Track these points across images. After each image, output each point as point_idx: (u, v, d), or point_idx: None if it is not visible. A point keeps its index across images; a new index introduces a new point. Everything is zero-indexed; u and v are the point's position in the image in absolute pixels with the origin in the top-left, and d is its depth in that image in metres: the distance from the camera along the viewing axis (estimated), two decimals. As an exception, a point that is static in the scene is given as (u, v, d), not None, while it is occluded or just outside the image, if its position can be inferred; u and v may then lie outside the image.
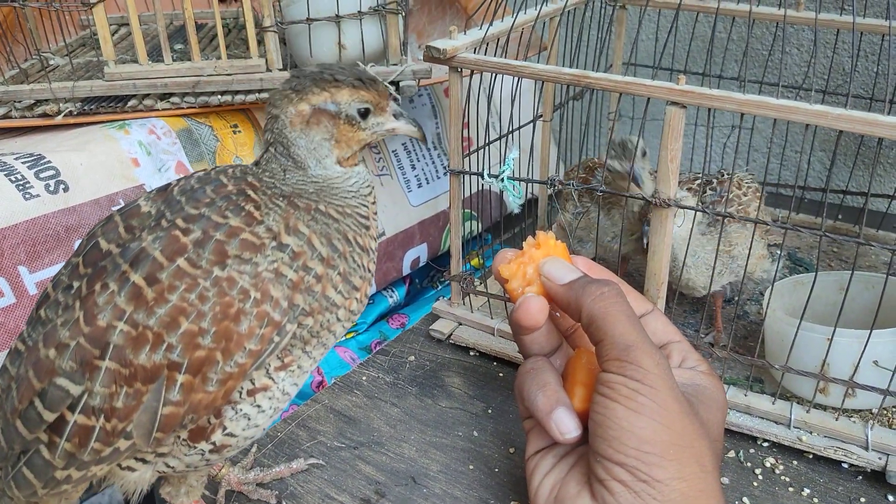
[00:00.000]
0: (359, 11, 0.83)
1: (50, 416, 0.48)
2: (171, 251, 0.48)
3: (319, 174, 0.54)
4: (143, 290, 0.48)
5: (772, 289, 0.73)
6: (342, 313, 0.54)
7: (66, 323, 0.48)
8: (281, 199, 0.52)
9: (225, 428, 0.52)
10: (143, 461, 0.52)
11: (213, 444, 0.52)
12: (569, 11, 0.91)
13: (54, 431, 0.48)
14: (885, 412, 0.70)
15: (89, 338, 0.47)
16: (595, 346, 0.53)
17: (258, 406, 0.52)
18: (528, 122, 0.86)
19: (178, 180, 0.54)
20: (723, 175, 0.81)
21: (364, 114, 0.54)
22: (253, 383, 0.51)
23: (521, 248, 0.61)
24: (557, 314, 0.61)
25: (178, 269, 0.48)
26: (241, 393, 0.51)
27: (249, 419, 0.53)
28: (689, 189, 0.78)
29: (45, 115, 0.86)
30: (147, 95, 0.86)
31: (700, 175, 0.81)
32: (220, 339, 0.48)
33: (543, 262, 0.58)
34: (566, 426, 0.53)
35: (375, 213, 0.58)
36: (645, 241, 0.71)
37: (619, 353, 0.50)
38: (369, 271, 0.56)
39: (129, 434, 0.48)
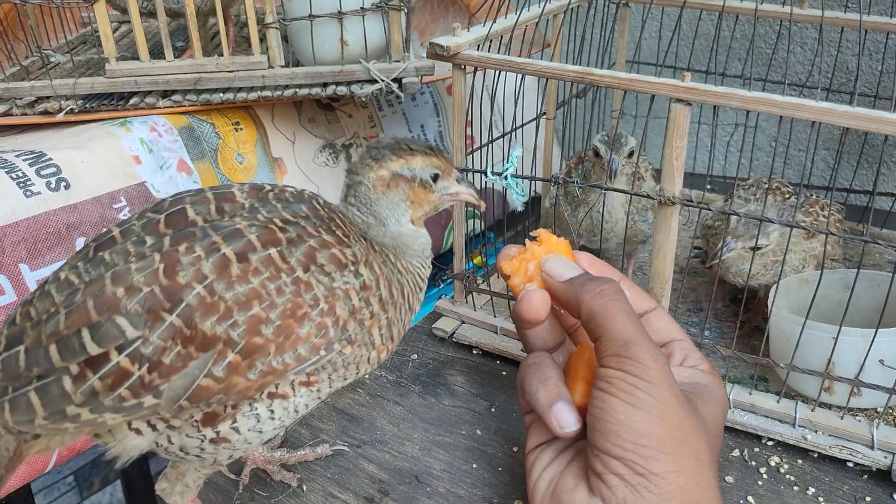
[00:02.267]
0: (361, 8, 0.83)
1: (95, 350, 0.48)
2: (267, 240, 0.51)
3: (396, 230, 0.60)
4: (230, 264, 0.49)
5: (777, 287, 0.73)
6: (373, 355, 0.57)
7: (141, 269, 0.49)
8: (363, 238, 0.57)
9: (235, 420, 0.52)
10: (153, 427, 0.52)
11: (217, 433, 0.52)
12: (572, 9, 0.90)
13: (90, 366, 0.48)
14: (891, 411, 0.70)
15: (165, 289, 0.48)
16: (594, 342, 0.53)
17: (271, 411, 0.53)
18: (532, 120, 0.86)
19: (273, 187, 0.57)
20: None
21: (434, 178, 0.60)
22: (276, 388, 0.52)
23: (525, 244, 0.61)
24: (562, 312, 0.61)
25: (268, 257, 0.50)
26: (263, 392, 0.52)
27: (259, 421, 0.53)
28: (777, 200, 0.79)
29: (46, 113, 0.86)
30: (149, 93, 0.86)
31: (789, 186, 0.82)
32: (280, 334, 0.50)
33: (545, 259, 0.59)
34: (566, 420, 0.53)
35: (428, 277, 0.63)
36: (718, 260, 0.73)
37: (617, 349, 0.51)
38: (405, 329, 0.60)
39: (160, 393, 0.49)
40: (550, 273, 0.58)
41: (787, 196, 0.79)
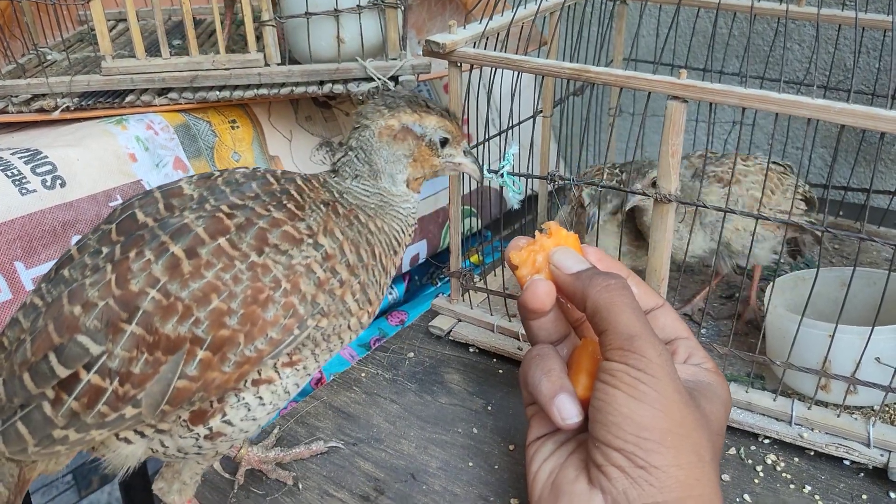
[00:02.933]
0: (357, 5, 0.82)
1: (63, 372, 0.48)
2: (214, 230, 0.50)
3: (387, 187, 0.58)
4: (180, 262, 0.49)
5: (773, 285, 0.72)
6: (353, 322, 0.56)
7: (95, 283, 0.49)
8: (323, 204, 0.55)
9: (224, 414, 0.52)
10: (142, 435, 0.52)
11: (210, 429, 0.52)
12: (569, 6, 0.90)
13: (63, 388, 0.48)
14: (887, 409, 0.70)
15: (119, 300, 0.48)
16: (599, 336, 0.53)
17: (260, 398, 0.53)
18: (528, 118, 0.86)
19: (223, 172, 0.56)
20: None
21: (443, 142, 0.59)
22: (259, 374, 0.52)
23: (534, 237, 0.61)
24: (568, 305, 0.61)
25: (218, 248, 0.49)
26: (246, 381, 0.52)
27: (249, 409, 0.53)
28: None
29: (41, 110, 0.85)
30: (145, 91, 0.86)
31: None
32: (246, 322, 0.49)
33: (553, 252, 0.59)
34: (568, 412, 0.53)
35: (409, 243, 0.61)
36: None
37: (622, 343, 0.51)
38: (382, 291, 0.59)
39: (138, 402, 0.49)
40: (558, 265, 0.58)
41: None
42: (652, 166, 0.75)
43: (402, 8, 0.84)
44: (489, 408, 0.75)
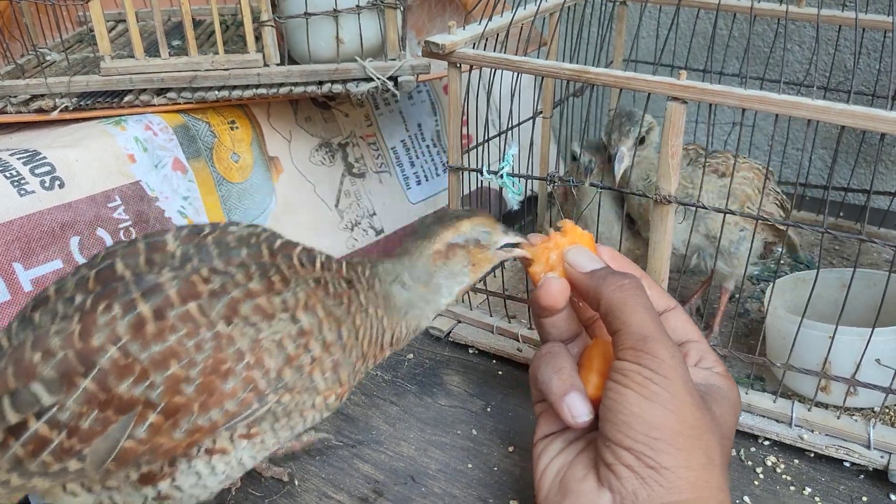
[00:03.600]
0: (357, 6, 0.82)
1: (14, 418, 0.47)
2: (186, 294, 0.49)
3: (436, 301, 0.59)
4: (145, 323, 0.48)
5: (773, 286, 0.72)
6: (318, 400, 0.54)
7: (59, 332, 0.48)
8: (313, 280, 0.54)
9: (174, 479, 0.51)
10: (89, 490, 0.51)
11: (158, 492, 0.52)
12: (569, 7, 0.90)
13: (11, 433, 0.48)
14: (888, 410, 0.70)
15: (79, 353, 0.47)
16: (612, 335, 0.53)
17: (212, 467, 0.52)
18: (528, 119, 0.86)
19: (215, 228, 0.55)
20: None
21: (486, 235, 0.60)
22: (213, 443, 0.51)
23: (547, 234, 0.61)
24: (581, 304, 0.61)
25: (185, 312, 0.48)
26: (199, 449, 0.51)
27: (200, 478, 0.52)
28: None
29: (40, 111, 0.85)
30: (143, 91, 0.86)
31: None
32: (203, 392, 0.48)
33: (568, 250, 0.59)
34: (578, 410, 0.53)
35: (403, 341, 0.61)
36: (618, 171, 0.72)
37: (634, 343, 0.51)
38: (356, 377, 0.57)
39: (83, 457, 0.48)
40: (572, 264, 0.58)
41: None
42: (632, 120, 0.73)
43: (402, 8, 0.84)
44: (489, 409, 0.75)
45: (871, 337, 0.63)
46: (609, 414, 0.50)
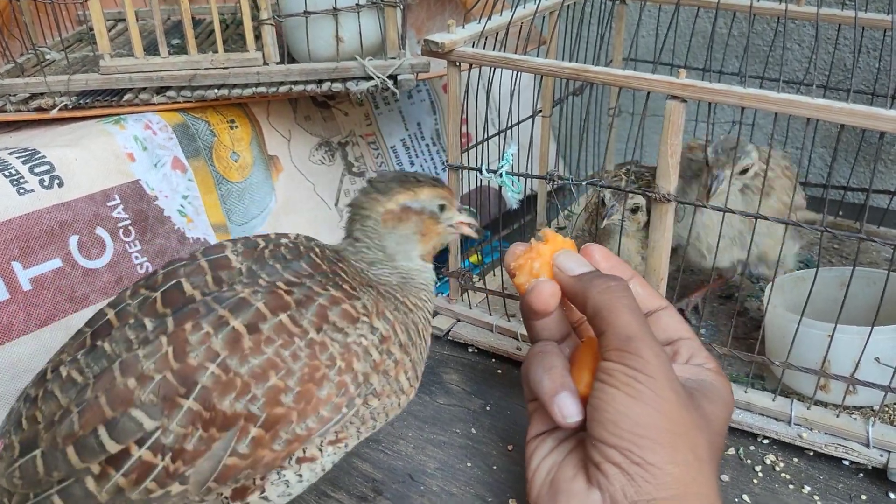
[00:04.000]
0: (357, 4, 0.82)
1: (114, 448, 0.46)
2: (275, 305, 0.50)
3: (406, 265, 0.59)
4: (241, 337, 0.48)
5: (772, 285, 0.72)
6: (403, 400, 0.56)
7: (150, 355, 0.47)
8: (369, 287, 0.56)
9: (263, 490, 0.51)
10: None
11: None
12: (568, 6, 0.90)
13: (111, 464, 0.47)
14: (887, 409, 0.70)
15: (177, 374, 0.47)
16: (598, 336, 0.54)
17: (300, 475, 0.52)
18: (528, 118, 0.86)
19: (267, 243, 0.55)
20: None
21: (441, 209, 0.60)
22: (304, 452, 0.51)
23: (530, 241, 0.61)
24: (564, 308, 0.61)
25: (279, 324, 0.49)
26: (291, 459, 0.51)
27: (287, 486, 0.52)
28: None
29: (39, 109, 0.85)
30: (143, 89, 0.86)
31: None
32: (301, 400, 0.49)
33: (557, 255, 0.59)
34: (569, 410, 0.54)
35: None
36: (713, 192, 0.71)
37: (619, 344, 0.51)
38: (423, 363, 0.59)
39: (186, 479, 0.47)
40: (561, 267, 0.58)
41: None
42: (745, 152, 0.72)
43: (401, 7, 0.84)
44: (487, 408, 0.75)
45: (870, 335, 0.63)
46: (596, 413, 0.51)
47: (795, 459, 0.68)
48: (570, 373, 0.57)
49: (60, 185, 0.74)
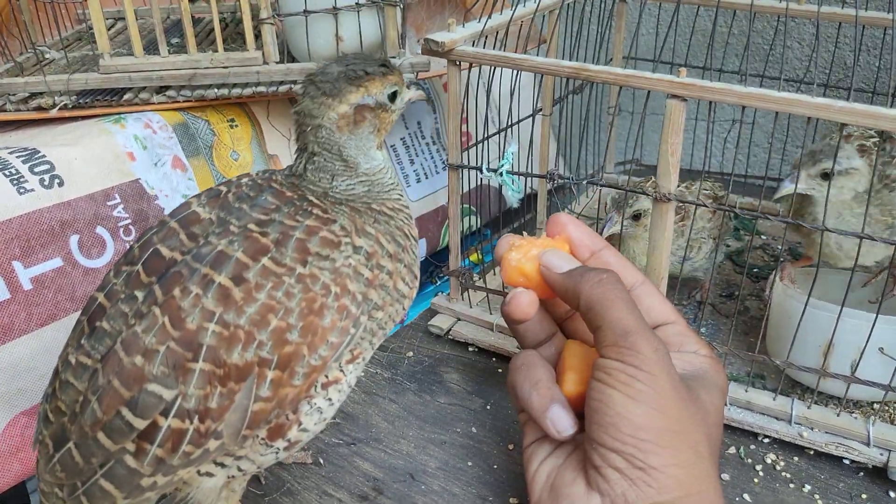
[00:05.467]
0: (356, 3, 0.82)
1: (141, 424, 0.47)
2: (254, 251, 0.49)
3: (367, 167, 0.56)
4: (230, 291, 0.48)
5: (777, 273, 0.72)
6: (407, 303, 0.56)
7: (148, 329, 0.47)
8: (340, 205, 0.54)
9: (300, 423, 0.52)
10: (222, 465, 0.52)
11: (289, 440, 0.52)
12: (568, 4, 0.90)
13: (144, 439, 0.47)
14: (887, 408, 0.70)
15: (180, 341, 0.47)
16: (593, 332, 0.53)
17: (329, 399, 0.53)
18: (528, 117, 0.86)
19: (228, 188, 0.54)
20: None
21: (393, 96, 0.56)
22: (327, 377, 0.52)
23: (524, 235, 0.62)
24: (551, 302, 0.61)
25: (263, 268, 0.49)
26: (316, 387, 0.52)
27: (321, 412, 0.53)
28: (860, 147, 0.74)
29: (39, 109, 0.85)
30: (143, 89, 0.86)
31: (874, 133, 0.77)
32: (307, 334, 0.49)
33: (542, 253, 0.59)
34: (562, 424, 0.53)
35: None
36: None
37: (616, 339, 0.50)
38: (418, 263, 0.59)
39: (220, 434, 0.48)
40: (549, 266, 0.57)
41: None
42: (825, 154, 0.71)
43: (401, 6, 0.84)
44: (488, 407, 0.75)
45: (875, 322, 0.63)
46: (595, 416, 0.50)
47: (796, 458, 0.68)
48: (557, 377, 0.56)
49: (61, 184, 0.74)
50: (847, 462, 0.66)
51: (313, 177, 0.55)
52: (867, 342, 0.64)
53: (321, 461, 0.66)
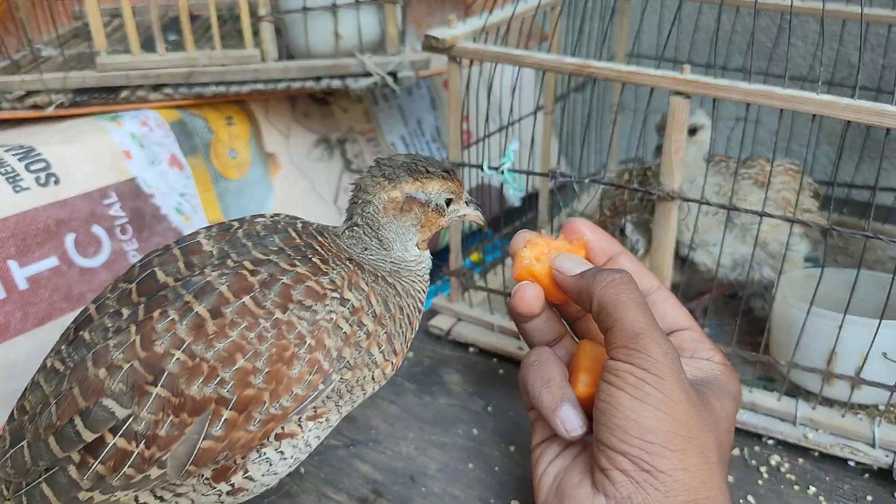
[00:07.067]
0: (356, 0, 0.81)
1: (89, 436, 0.47)
2: (238, 288, 0.49)
3: (400, 256, 0.57)
4: (205, 322, 0.48)
5: (779, 279, 0.71)
6: (377, 373, 0.55)
7: (119, 345, 0.48)
8: (348, 261, 0.54)
9: (246, 470, 0.51)
10: (161, 499, 0.51)
11: (232, 485, 0.52)
12: (570, 1, 0.89)
13: (89, 452, 0.47)
14: (893, 409, 0.69)
15: (144, 362, 0.47)
16: (604, 333, 0.52)
17: (281, 452, 0.52)
18: (529, 114, 0.85)
19: (242, 223, 0.55)
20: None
21: (448, 203, 0.58)
22: (283, 428, 0.51)
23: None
24: (556, 305, 0.60)
25: (242, 307, 0.48)
26: (269, 437, 0.51)
27: (270, 464, 0.52)
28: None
29: (36, 107, 0.84)
30: (140, 86, 0.85)
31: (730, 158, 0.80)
32: (271, 381, 0.48)
33: (554, 257, 0.58)
34: (571, 424, 0.53)
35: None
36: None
37: (627, 341, 0.50)
38: (407, 343, 0.58)
39: (164, 463, 0.48)
40: (560, 269, 0.57)
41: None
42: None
43: (401, 2, 0.83)
44: (489, 409, 0.74)
45: (878, 328, 0.62)
46: (603, 417, 0.50)
47: (801, 460, 0.67)
48: (570, 377, 0.56)
49: (57, 182, 0.73)
50: (852, 464, 0.66)
51: (348, 241, 0.57)
52: (870, 348, 0.63)
53: (297, 488, 0.65)
